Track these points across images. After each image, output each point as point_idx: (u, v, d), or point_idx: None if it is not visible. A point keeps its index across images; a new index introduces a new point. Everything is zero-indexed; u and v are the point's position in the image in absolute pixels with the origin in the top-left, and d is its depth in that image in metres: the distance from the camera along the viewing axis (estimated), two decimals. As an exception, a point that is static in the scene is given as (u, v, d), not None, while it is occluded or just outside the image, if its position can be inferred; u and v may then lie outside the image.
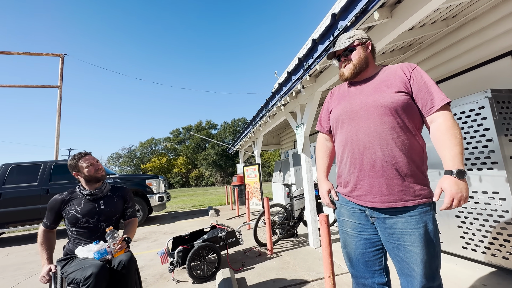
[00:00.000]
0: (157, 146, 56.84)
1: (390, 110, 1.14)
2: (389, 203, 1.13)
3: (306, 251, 3.27)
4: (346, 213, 1.32)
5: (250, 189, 6.88)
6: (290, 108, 4.12)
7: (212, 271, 2.73)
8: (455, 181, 1.00)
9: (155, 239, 4.87)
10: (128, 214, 1.96)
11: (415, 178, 1.12)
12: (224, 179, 44.68)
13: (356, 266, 1.29)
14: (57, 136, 9.25)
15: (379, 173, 1.14)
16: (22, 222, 5.50)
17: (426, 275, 1.08)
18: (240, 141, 7.94)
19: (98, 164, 1.88)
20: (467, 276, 2.20)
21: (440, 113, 1.10)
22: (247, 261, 3.11)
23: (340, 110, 1.31)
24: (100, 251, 1.58)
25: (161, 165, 48.66)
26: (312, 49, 2.48)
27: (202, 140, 51.20)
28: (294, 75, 3.03)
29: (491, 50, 2.71)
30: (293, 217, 3.84)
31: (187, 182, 49.04)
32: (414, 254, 1.09)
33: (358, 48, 1.29)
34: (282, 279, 2.51)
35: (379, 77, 1.25)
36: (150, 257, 3.67)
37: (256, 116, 5.18)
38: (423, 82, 1.15)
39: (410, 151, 1.13)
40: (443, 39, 3.18)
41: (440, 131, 1.08)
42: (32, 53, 9.57)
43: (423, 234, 1.08)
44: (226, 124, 53.14)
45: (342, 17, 1.97)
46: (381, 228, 1.19)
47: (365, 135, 1.18)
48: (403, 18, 1.90)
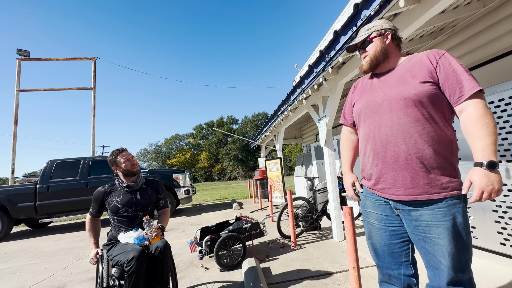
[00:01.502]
0: (181, 142, 59.03)
1: (414, 102, 1.12)
2: (414, 195, 1.12)
3: (330, 244, 3.28)
4: (371, 205, 1.33)
5: (272, 183, 6.95)
6: (312, 101, 4.08)
7: (238, 260, 2.86)
8: (486, 173, 0.97)
9: (183, 229, 5.15)
10: (161, 204, 2.13)
11: (442, 170, 1.09)
12: (246, 173, 45.29)
13: (381, 257, 1.30)
14: (93, 134, 10.02)
15: (403, 166, 1.13)
16: (67, 212, 6.12)
17: (454, 268, 1.07)
18: (261, 135, 8.00)
19: (133, 160, 2.05)
20: (505, 273, 2.08)
21: (471, 102, 1.05)
22: (271, 252, 3.20)
23: (362, 104, 1.31)
24: (139, 237, 1.75)
25: (185, 160, 50.56)
26: (334, 40, 2.43)
27: (224, 135, 52.16)
28: (316, 67, 3.00)
29: (537, 29, 2.46)
30: (316, 210, 3.84)
31: (210, 176, 50.52)
32: (441, 246, 1.08)
33: (376, 40, 1.27)
34: (306, 269, 2.57)
35: (404, 67, 1.22)
36: (180, 245, 3.92)
37: (277, 110, 5.19)
38: (451, 70, 1.10)
39: (437, 142, 1.10)
40: (479, 20, 2.92)
41: (470, 121, 1.04)
42: (69, 58, 10.39)
43: (451, 227, 1.06)
44: (247, 118, 53.51)
45: (365, 6, 1.91)
46: (406, 220, 1.19)
47: (388, 129, 1.17)
48: (433, 2, 1.80)
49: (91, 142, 9.99)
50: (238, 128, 54.01)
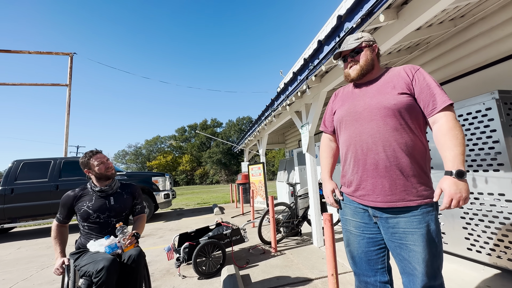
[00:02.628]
0: (163, 144, 57.43)
1: (393, 111, 1.16)
2: (392, 202, 1.15)
3: (310, 250, 3.30)
4: (350, 212, 1.35)
5: (254, 188, 6.93)
6: (295, 108, 4.14)
7: (217, 268, 2.79)
8: (454, 182, 1.02)
9: (161, 235, 4.96)
10: (137, 210, 2.03)
11: (418, 178, 1.14)
12: (229, 177, 44.89)
13: (358, 264, 1.32)
14: (66, 133, 9.44)
15: (382, 174, 1.16)
16: (33, 217, 5.67)
17: (427, 274, 1.11)
18: (245, 139, 7.99)
19: (108, 163, 1.94)
20: (471, 277, 2.20)
21: (442, 114, 1.11)
22: (251, 258, 3.16)
23: (343, 111, 1.34)
24: (110, 245, 1.65)
25: (166, 163, 49.16)
26: (318, 50, 2.49)
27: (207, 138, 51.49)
28: (300, 75, 3.05)
29: (500, 50, 2.68)
30: (297, 216, 3.87)
31: (192, 180, 49.45)
32: (416, 253, 1.11)
33: (365, 50, 1.30)
34: (285, 276, 2.55)
35: (383, 79, 1.27)
36: (156, 253, 3.75)
37: (262, 115, 5.21)
38: (425, 84, 1.16)
39: (413, 152, 1.15)
40: (450, 39, 3.15)
41: (442, 132, 1.09)
42: (42, 52, 9.77)
43: (425, 234, 1.10)
44: (231, 122, 53.34)
45: (348, 18, 1.98)
46: (384, 227, 1.21)
47: (369, 136, 1.21)
48: (410, 19, 1.90)
49: (64, 141, 9.41)
50: (222, 131, 53.61)
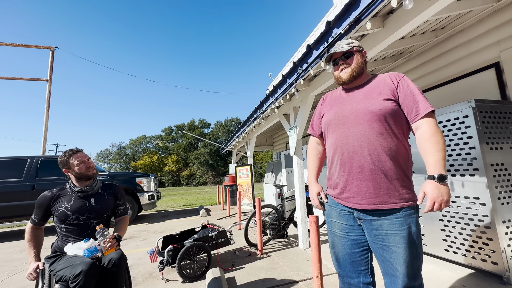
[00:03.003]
0: (148, 144, 56.06)
1: (379, 116, 1.20)
2: (376, 205, 1.18)
3: (296, 252, 3.32)
4: (335, 215, 1.37)
5: (241, 190, 6.90)
6: (284, 111, 4.17)
7: (202, 271, 2.74)
8: (437, 185, 1.06)
9: (145, 238, 4.82)
10: (120, 211, 1.96)
11: (401, 181, 1.17)
12: (216, 179, 44.44)
13: (343, 266, 1.34)
14: (45, 131, 9.00)
15: (367, 177, 1.19)
16: (5, 219, 5.33)
17: (408, 275, 1.14)
18: (233, 141, 7.95)
19: (89, 162, 1.86)
20: (447, 277, 2.29)
21: (425, 120, 1.16)
22: (237, 261, 3.13)
23: (331, 115, 1.36)
24: (90, 248, 1.58)
25: (151, 163, 47.99)
26: (307, 54, 2.53)
27: (195, 139, 50.83)
28: (289, 78, 3.08)
29: (476, 61, 2.84)
30: (284, 218, 3.88)
31: (178, 181, 48.54)
32: (398, 254, 1.15)
33: (357, 54, 1.34)
34: (271, 279, 2.55)
35: (370, 85, 1.31)
36: (139, 256, 3.64)
37: (250, 117, 5.21)
38: (409, 91, 1.21)
39: (397, 156, 1.18)
40: (432, 49, 3.30)
41: (424, 138, 1.14)
42: (21, 44, 9.29)
43: (407, 236, 1.14)
44: (219, 123, 52.94)
45: (336, 24, 2.02)
46: (367, 229, 1.24)
47: (355, 140, 1.23)
48: (395, 28, 1.97)
49: (42, 139, 8.96)
50: (209, 132, 53.09)
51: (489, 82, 2.74)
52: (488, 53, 2.73)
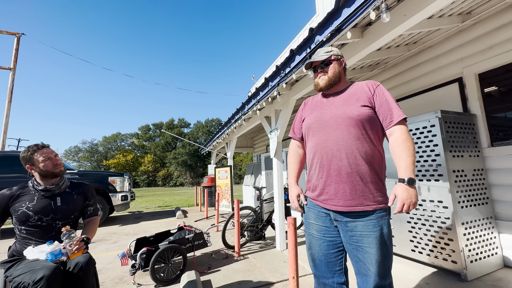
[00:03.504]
0: (123, 142, 53.44)
1: (356, 121, 1.25)
2: (352, 207, 1.23)
3: (273, 254, 3.34)
4: (313, 216, 1.40)
5: (220, 191, 6.82)
6: (265, 113, 4.20)
7: (177, 274, 2.65)
8: (406, 188, 1.13)
9: (115, 240, 4.57)
10: (89, 212, 1.84)
11: (375, 185, 1.23)
12: (194, 180, 43.46)
13: (318, 267, 1.37)
14: (6, 124, 8.22)
15: (344, 179, 1.24)
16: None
17: (379, 274, 1.20)
18: (213, 142, 7.85)
19: (56, 159, 1.73)
20: (413, 276, 2.44)
21: (398, 127, 1.24)
22: (213, 263, 3.08)
23: (312, 119, 1.41)
24: (54, 252, 1.46)
25: (126, 162, 45.77)
26: (290, 58, 2.58)
27: (173, 138, 49.42)
28: (271, 81, 3.12)
29: (443, 76, 3.08)
30: (262, 220, 3.90)
31: (154, 181, 46.76)
32: (370, 254, 1.20)
33: (334, 63, 1.40)
34: (247, 281, 2.54)
35: (348, 92, 1.37)
36: (108, 259, 3.44)
37: (232, 118, 5.19)
38: (384, 99, 1.28)
39: (372, 160, 1.24)
40: (404, 61, 3.53)
41: (397, 143, 1.21)
42: (-19, 28, 8.44)
43: (379, 237, 1.20)
44: (199, 123, 52.00)
45: (319, 32, 2.09)
46: (343, 230, 1.28)
47: (334, 144, 1.28)
48: (372, 39, 2.08)
49: (2, 133, 8.18)
50: (189, 132, 51.92)
51: (453, 95, 2.99)
52: (453, 68, 2.97)
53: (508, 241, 2.50)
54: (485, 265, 2.38)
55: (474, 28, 2.75)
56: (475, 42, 2.76)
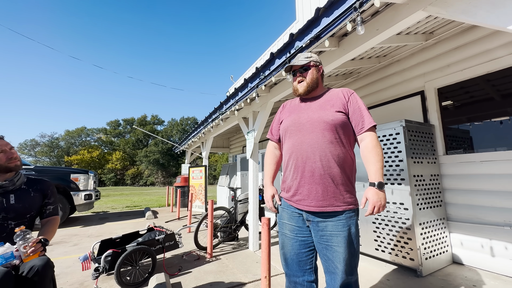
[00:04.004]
0: (89, 137, 49.82)
1: (331, 126, 1.32)
2: (323, 207, 1.28)
3: (245, 254, 3.35)
4: (287, 217, 1.44)
5: (194, 191, 6.67)
6: (243, 114, 4.21)
7: (145, 277, 2.54)
8: (376, 192, 1.21)
9: (76, 243, 4.24)
10: (48, 211, 1.69)
11: (345, 186, 1.30)
12: (166, 179, 41.88)
13: (290, 266, 1.41)
14: None
15: (317, 181, 1.29)
16: None
17: (346, 272, 1.26)
18: (188, 140, 7.66)
19: (12, 152, 1.58)
20: (376, 273, 2.61)
21: (368, 134, 1.32)
22: (184, 265, 3.00)
23: (289, 122, 1.45)
24: (4, 255, 1.32)
25: (91, 159, 42.67)
26: (270, 61, 2.62)
27: (145, 135, 47.22)
28: (251, 82, 3.14)
29: (408, 88, 3.36)
30: (236, 221, 3.89)
31: (122, 180, 44.16)
32: (339, 253, 1.26)
33: (313, 68, 1.46)
34: (219, 282, 2.52)
35: (325, 97, 1.43)
36: (68, 263, 3.18)
37: (209, 117, 5.11)
38: (357, 106, 1.36)
39: (343, 163, 1.31)
40: (375, 73, 3.77)
41: (367, 149, 1.29)
42: None
43: (347, 236, 1.27)
44: (174, 121, 50.37)
45: (298, 38, 2.16)
46: (314, 230, 1.34)
47: (308, 146, 1.33)
48: (348, 49, 2.20)
49: None
50: (163, 130, 50.03)
51: (416, 106, 3.26)
52: (416, 82, 3.25)
53: (456, 240, 2.79)
54: (437, 262, 2.63)
55: (436, 47, 3.04)
56: (436, 60, 3.05)
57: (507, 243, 2.42)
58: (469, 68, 2.75)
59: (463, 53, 2.80)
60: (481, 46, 2.66)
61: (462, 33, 2.79)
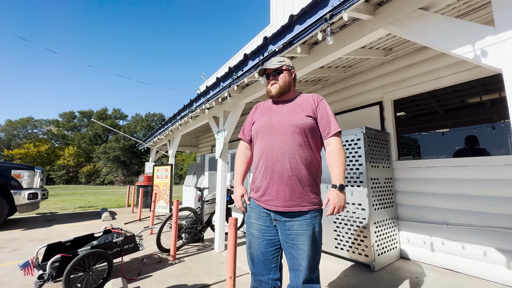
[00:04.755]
0: (37, 129, 44.36)
1: (300, 129, 1.37)
2: (290, 207, 1.33)
3: (210, 255, 3.29)
4: (255, 216, 1.46)
5: (158, 191, 6.36)
6: (214, 113, 4.15)
7: (99, 283, 2.35)
8: (337, 193, 1.30)
9: (16, 248, 3.74)
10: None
11: (311, 188, 1.37)
12: (127, 178, 39.11)
13: (256, 264, 1.43)
14: None
15: (285, 182, 1.34)
16: None
17: (309, 268, 1.33)
18: (154, 137, 7.28)
19: None
20: (335, 269, 2.78)
21: (333, 138, 1.41)
22: (145, 268, 2.84)
23: (261, 123, 1.48)
24: None
25: (38, 154, 37.96)
26: (243, 62, 2.63)
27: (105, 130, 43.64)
28: (223, 82, 3.11)
29: (369, 98, 3.65)
30: (202, 222, 3.80)
31: (75, 178, 40.09)
32: (303, 251, 1.32)
33: (285, 72, 1.51)
34: (182, 285, 2.44)
35: (296, 101, 1.49)
36: (4, 271, 2.79)
37: (177, 115, 4.93)
38: (325, 112, 1.45)
39: (310, 165, 1.38)
40: (341, 81, 4.03)
41: (332, 153, 1.38)
42: None
43: (311, 235, 1.33)
44: (138, 117, 47.43)
45: (272, 42, 2.21)
46: (281, 229, 1.38)
47: (279, 148, 1.37)
48: (318, 57, 2.32)
49: None
50: (125, 125, 46.78)
51: (374, 115, 3.56)
52: (376, 93, 3.55)
53: (404, 237, 3.11)
54: (388, 257, 2.89)
55: (393, 62, 3.36)
56: (393, 74, 3.37)
57: (444, 239, 2.77)
58: (420, 84, 3.10)
59: (415, 70, 3.15)
60: (430, 65, 3.01)
61: (416, 52, 3.13)
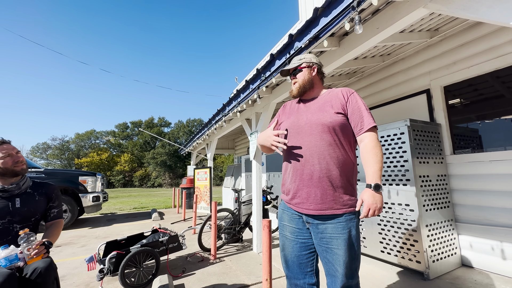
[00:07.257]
0: (98, 140, 50.81)
1: (329, 128, 1.30)
2: (322, 210, 1.27)
3: (249, 256, 3.34)
4: (287, 219, 1.43)
5: (199, 193, 6.70)
6: (246, 115, 4.21)
7: (149, 278, 2.56)
8: (372, 194, 1.19)
9: (84, 244, 4.32)
10: (52, 215, 1.72)
11: (344, 189, 1.28)
12: (173, 181, 42.27)
13: (291, 268, 1.40)
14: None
15: (316, 184, 1.27)
16: None
17: (346, 275, 1.24)
18: (193, 142, 7.71)
19: (18, 156, 1.61)
20: (382, 276, 2.56)
21: (367, 134, 1.29)
22: (188, 266, 3.02)
23: (288, 124, 1.44)
24: (9, 257, 1.35)
25: (100, 161, 43.49)
26: (270, 62, 2.62)
27: (152, 137, 47.81)
28: (252, 84, 3.14)
29: (413, 87, 3.29)
30: (240, 222, 3.88)
31: (130, 182, 44.83)
32: (339, 256, 1.24)
33: (304, 70, 1.45)
34: (222, 284, 2.51)
35: (324, 98, 1.41)
36: (75, 264, 3.24)
37: (212, 119, 5.14)
38: (357, 106, 1.34)
39: (343, 165, 1.29)
40: (379, 71, 3.71)
41: (366, 150, 1.27)
42: None
43: (347, 239, 1.24)
44: (180, 123, 50.85)
45: (298, 38, 2.14)
46: (314, 232, 1.32)
47: (307, 149, 1.31)
48: (349, 49, 2.17)
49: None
50: (169, 132, 50.57)
51: (421, 105, 3.19)
52: (422, 80, 3.18)
53: (465, 242, 2.71)
54: (445, 265, 2.56)
55: (441, 44, 2.97)
56: (442, 57, 2.98)
57: (519, 245, 2.33)
58: (476, 65, 2.68)
59: (470, 50, 2.73)
60: (488, 43, 2.58)
61: (468, 30, 2.72)
